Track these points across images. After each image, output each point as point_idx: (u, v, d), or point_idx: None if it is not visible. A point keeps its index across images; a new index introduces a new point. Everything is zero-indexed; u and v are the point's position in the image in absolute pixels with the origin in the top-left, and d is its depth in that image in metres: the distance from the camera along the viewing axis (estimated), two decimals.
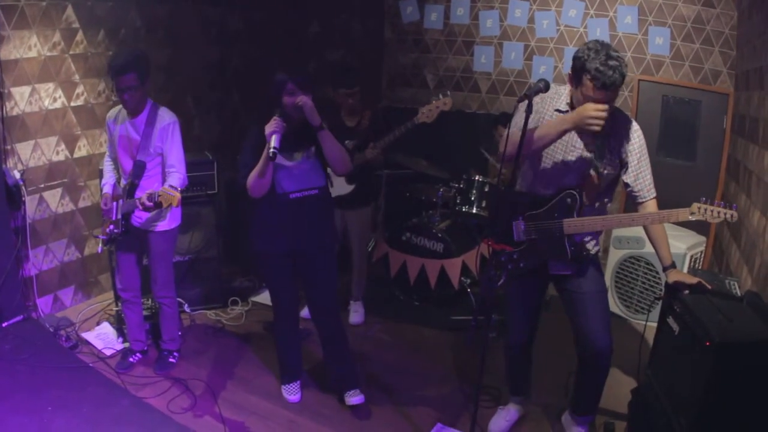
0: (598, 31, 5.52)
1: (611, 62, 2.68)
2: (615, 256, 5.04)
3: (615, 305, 4.99)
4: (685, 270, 4.48)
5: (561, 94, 3.04)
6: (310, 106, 3.21)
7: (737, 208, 2.80)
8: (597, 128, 2.77)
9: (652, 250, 3.18)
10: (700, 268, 4.85)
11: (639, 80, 5.48)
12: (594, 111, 2.75)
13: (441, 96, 4.22)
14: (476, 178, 4.92)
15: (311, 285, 3.60)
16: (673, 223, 3.36)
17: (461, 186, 4.98)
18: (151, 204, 3.33)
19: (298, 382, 3.87)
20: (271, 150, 3.10)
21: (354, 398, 3.70)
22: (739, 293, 3.08)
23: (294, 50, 6.34)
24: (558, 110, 3.01)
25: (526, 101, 2.77)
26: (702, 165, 5.35)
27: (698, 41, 5.13)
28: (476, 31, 6.16)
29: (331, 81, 4.44)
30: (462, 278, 4.89)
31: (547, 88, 2.86)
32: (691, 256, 4.75)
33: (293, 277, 3.60)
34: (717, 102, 5.16)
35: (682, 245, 4.69)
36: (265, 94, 3.38)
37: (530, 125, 3.04)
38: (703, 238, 4.93)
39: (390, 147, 4.47)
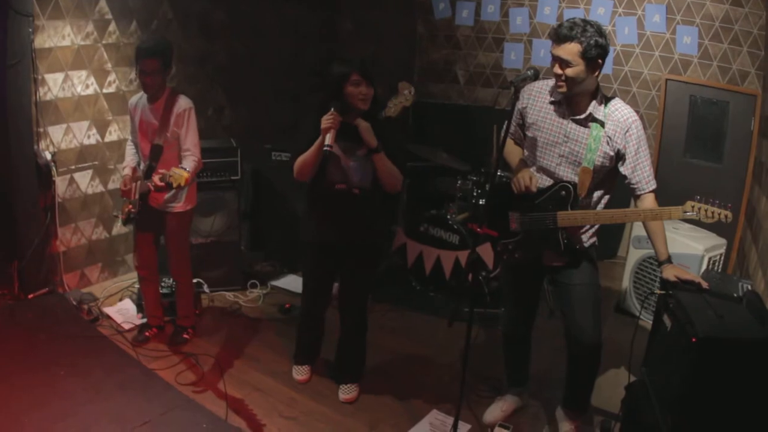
0: (626, 30, 5.48)
1: (570, 23, 2.79)
2: (634, 256, 4.97)
3: (633, 305, 4.95)
4: (701, 272, 4.41)
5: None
6: (365, 126, 3.22)
7: (732, 208, 2.76)
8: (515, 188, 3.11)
9: (671, 250, 3.10)
10: (719, 270, 4.77)
11: (666, 80, 5.41)
12: (523, 180, 3.04)
13: (407, 92, 4.20)
14: (493, 170, 4.92)
15: (342, 280, 3.66)
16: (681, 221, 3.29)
17: (479, 179, 5.02)
18: (163, 184, 3.48)
19: (309, 366, 3.98)
20: (325, 148, 3.11)
21: (345, 394, 3.76)
22: None
23: (326, 45, 6.46)
24: (552, 102, 3.02)
25: (512, 88, 2.82)
26: (729, 167, 5.25)
27: (726, 41, 5.05)
28: (506, 28, 6.18)
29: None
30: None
31: (536, 76, 2.89)
32: (710, 258, 4.66)
33: (329, 272, 3.66)
34: (745, 103, 5.06)
35: (700, 246, 4.60)
36: (324, 85, 3.37)
37: (528, 115, 3.08)
38: (723, 241, 4.83)
39: None
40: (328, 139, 3.12)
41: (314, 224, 3.49)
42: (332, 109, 3.16)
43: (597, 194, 3.09)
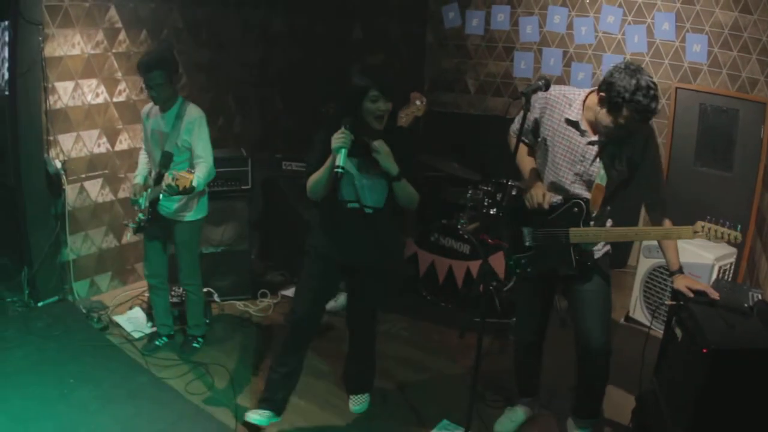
0: (636, 38, 5.48)
1: (652, 92, 2.62)
2: (644, 265, 4.94)
3: (642, 314, 4.92)
4: (711, 281, 4.39)
5: (573, 102, 2.92)
6: (385, 152, 3.03)
7: (742, 229, 2.75)
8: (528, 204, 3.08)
9: (682, 259, 3.09)
10: (728, 279, 4.74)
11: (676, 88, 5.40)
12: (536, 197, 3.03)
13: (418, 102, 3.99)
14: (506, 182, 4.92)
15: (353, 291, 3.59)
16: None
17: (490, 189, 5.02)
18: (173, 184, 3.45)
19: (269, 412, 3.44)
20: (336, 170, 2.93)
21: (356, 404, 3.72)
22: None
23: (337, 53, 6.47)
24: (569, 120, 2.92)
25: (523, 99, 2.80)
26: (739, 176, 5.23)
27: (736, 48, 5.04)
28: (516, 37, 6.20)
29: None
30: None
31: (547, 87, 2.81)
32: (720, 267, 4.63)
33: (336, 281, 3.49)
34: (755, 111, 5.04)
35: (710, 256, 4.57)
36: (340, 98, 3.25)
37: (543, 128, 3.05)
38: (733, 250, 4.79)
39: None
40: (339, 159, 2.93)
41: (326, 238, 3.33)
42: (343, 127, 2.98)
43: (606, 210, 3.09)
